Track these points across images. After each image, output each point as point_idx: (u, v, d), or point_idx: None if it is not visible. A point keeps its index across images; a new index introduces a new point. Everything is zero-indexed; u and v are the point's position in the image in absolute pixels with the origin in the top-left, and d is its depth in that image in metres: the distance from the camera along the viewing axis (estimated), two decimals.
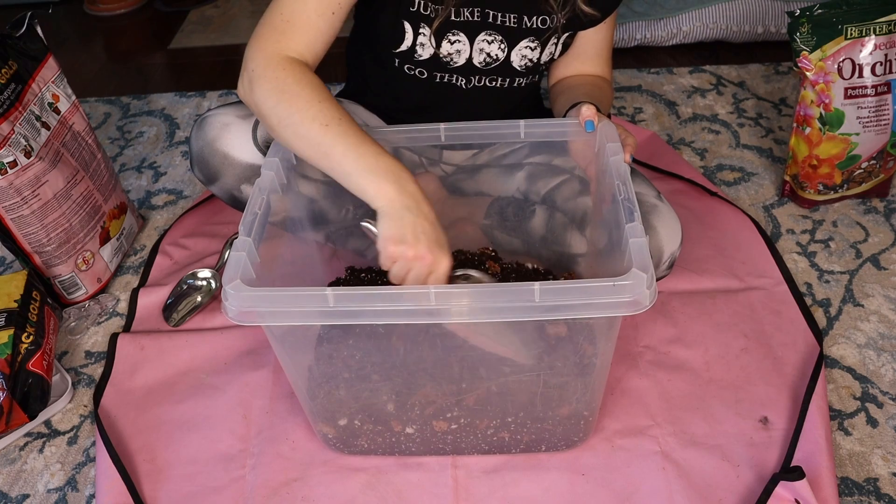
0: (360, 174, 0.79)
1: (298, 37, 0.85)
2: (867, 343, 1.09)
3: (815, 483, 0.88)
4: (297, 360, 0.88)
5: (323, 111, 0.81)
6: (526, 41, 0.97)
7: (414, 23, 0.93)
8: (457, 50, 0.96)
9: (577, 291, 0.71)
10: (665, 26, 1.79)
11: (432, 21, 0.92)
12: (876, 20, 1.16)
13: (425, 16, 0.92)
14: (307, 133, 0.80)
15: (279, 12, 0.85)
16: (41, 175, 1.10)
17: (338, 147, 0.80)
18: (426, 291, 0.71)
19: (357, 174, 0.79)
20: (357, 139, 0.80)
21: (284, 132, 0.82)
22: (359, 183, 0.79)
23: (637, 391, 1.02)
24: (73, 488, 0.97)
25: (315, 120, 0.80)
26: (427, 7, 0.91)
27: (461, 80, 0.99)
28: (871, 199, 1.34)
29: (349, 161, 0.79)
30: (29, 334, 1.04)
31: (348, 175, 0.80)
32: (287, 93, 0.81)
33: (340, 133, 0.80)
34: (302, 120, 0.80)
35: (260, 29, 0.86)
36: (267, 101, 0.82)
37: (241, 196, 1.00)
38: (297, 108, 0.81)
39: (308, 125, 0.80)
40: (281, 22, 0.85)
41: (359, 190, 0.79)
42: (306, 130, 0.80)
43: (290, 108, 0.81)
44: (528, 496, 0.91)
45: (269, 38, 0.84)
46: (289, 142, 0.83)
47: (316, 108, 0.81)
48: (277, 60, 0.83)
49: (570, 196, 1.04)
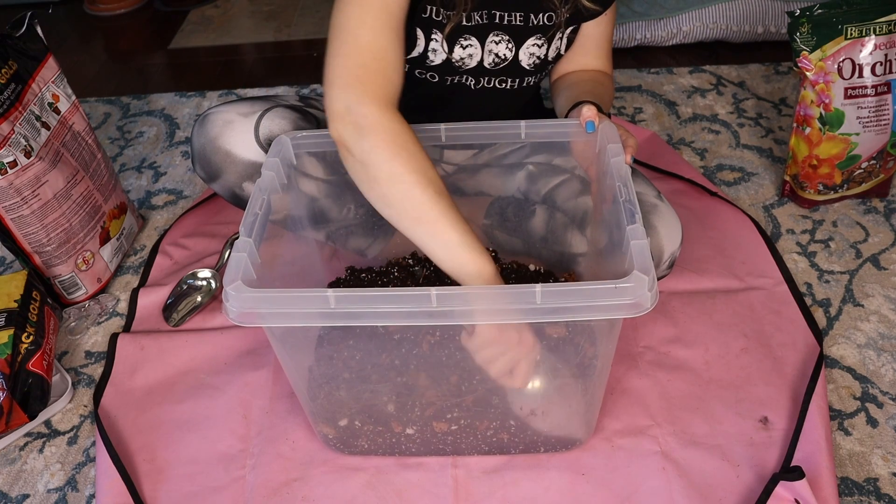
0: (465, 248, 0.78)
1: (395, 76, 0.83)
2: (867, 343, 1.09)
3: (814, 483, 0.88)
4: (297, 361, 0.88)
5: (436, 180, 0.80)
6: (533, 39, 0.97)
7: (426, 29, 0.92)
8: (469, 54, 0.96)
9: (579, 293, 0.71)
10: (665, 26, 1.79)
11: (444, 27, 0.92)
12: (876, 20, 1.16)
13: (437, 22, 0.92)
14: (421, 196, 0.78)
15: (367, 50, 0.81)
16: (41, 175, 1.10)
17: (447, 217, 0.78)
18: (427, 293, 0.71)
19: (462, 247, 0.78)
20: (459, 214, 0.80)
21: (393, 189, 0.79)
22: (462, 255, 0.78)
23: (637, 391, 1.02)
24: (73, 488, 0.97)
25: (430, 186, 0.79)
26: (439, 13, 0.91)
27: (471, 80, 0.99)
28: (871, 199, 1.34)
29: (456, 233, 0.78)
30: (29, 334, 1.04)
31: (453, 246, 0.78)
32: (405, 150, 0.79)
33: (450, 206, 0.79)
34: (418, 182, 0.78)
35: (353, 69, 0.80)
36: (381, 154, 0.79)
37: (243, 194, 1.00)
38: (412, 168, 0.78)
39: (423, 189, 0.78)
40: (374, 61, 0.81)
41: (460, 261, 0.78)
42: (420, 193, 0.78)
43: (407, 167, 0.78)
44: (528, 496, 0.91)
45: (373, 81, 0.80)
46: (392, 199, 0.80)
47: (431, 174, 0.79)
48: (391, 111, 0.80)
49: (570, 196, 1.04)
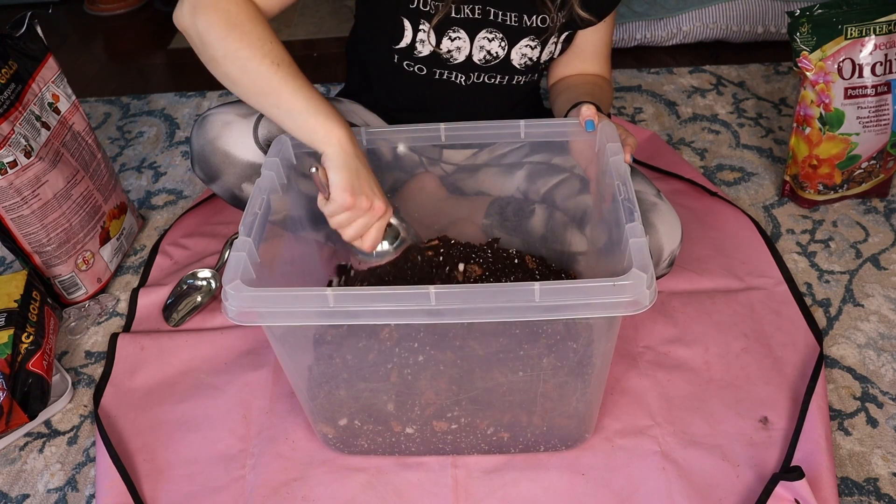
0: (311, 113, 0.79)
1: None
2: (867, 343, 1.09)
3: (814, 483, 0.88)
4: (296, 360, 0.88)
5: (274, 51, 0.80)
6: (526, 40, 0.97)
7: (413, 19, 0.93)
8: (457, 47, 0.96)
9: (577, 291, 0.71)
10: (665, 26, 1.79)
11: (431, 17, 0.92)
12: (876, 20, 1.16)
13: (425, 12, 0.92)
14: (257, 69, 0.79)
15: None
16: (41, 175, 1.10)
17: (288, 86, 0.79)
18: (426, 292, 0.71)
19: (307, 113, 0.79)
20: (306, 82, 0.80)
21: (230, 66, 0.80)
22: (307, 122, 0.79)
23: (637, 391, 1.02)
24: (73, 488, 0.97)
25: (266, 57, 0.79)
26: (427, 4, 0.91)
27: (461, 76, 0.99)
28: (871, 199, 1.34)
29: (300, 100, 0.79)
30: (29, 334, 1.04)
31: (297, 113, 0.79)
32: (238, 27, 0.79)
33: (291, 74, 0.80)
34: (253, 55, 0.79)
35: None
36: (213, 31, 0.80)
37: (242, 195, 1.00)
38: (247, 43, 0.79)
39: (259, 61, 0.79)
40: None
41: (307, 129, 0.79)
42: (256, 66, 0.79)
43: (239, 43, 0.79)
44: (528, 496, 0.91)
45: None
46: (233, 76, 0.81)
47: (268, 47, 0.80)
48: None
49: (569, 195, 1.04)
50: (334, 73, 1.84)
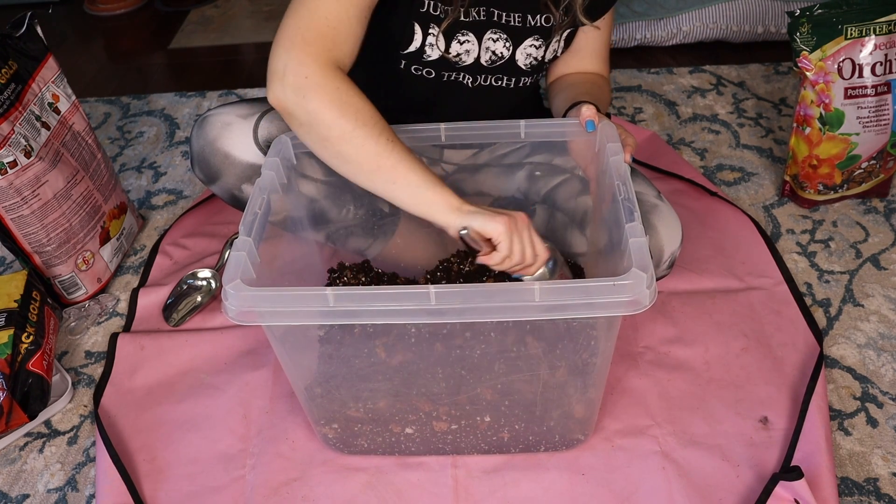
0: (429, 187, 0.80)
1: (346, 47, 0.83)
2: (867, 343, 1.09)
3: (814, 483, 0.88)
4: (296, 360, 0.88)
5: (386, 129, 0.80)
6: (531, 40, 0.97)
7: (423, 24, 0.92)
8: (466, 50, 0.95)
9: (577, 291, 0.71)
10: (665, 26, 1.79)
11: (441, 21, 0.92)
12: (876, 20, 1.16)
13: (435, 16, 0.92)
14: (374, 147, 0.79)
15: (323, 16, 0.81)
16: (41, 175, 1.10)
17: (404, 162, 0.80)
18: (426, 292, 0.71)
19: (425, 187, 0.80)
20: (416, 157, 0.81)
21: (346, 146, 0.80)
22: (426, 195, 0.80)
23: (637, 391, 1.02)
24: (73, 488, 0.97)
25: (382, 136, 0.79)
26: (437, 8, 0.91)
27: (468, 78, 0.99)
28: (871, 199, 1.34)
29: (417, 176, 0.79)
30: (29, 334, 1.04)
31: (415, 187, 0.80)
32: (351, 106, 0.79)
33: (405, 150, 0.80)
34: (370, 135, 0.79)
35: (302, 32, 0.80)
36: (327, 112, 0.79)
37: (242, 195, 1.00)
38: (363, 122, 0.79)
39: (376, 140, 0.79)
40: (326, 28, 0.81)
41: (426, 202, 0.80)
42: (373, 144, 0.79)
43: (356, 122, 0.79)
44: (528, 496, 0.91)
45: (319, 44, 0.80)
46: (347, 155, 0.80)
47: (381, 126, 0.80)
48: (333, 69, 0.80)
49: (570, 196, 1.04)
50: None
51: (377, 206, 1.04)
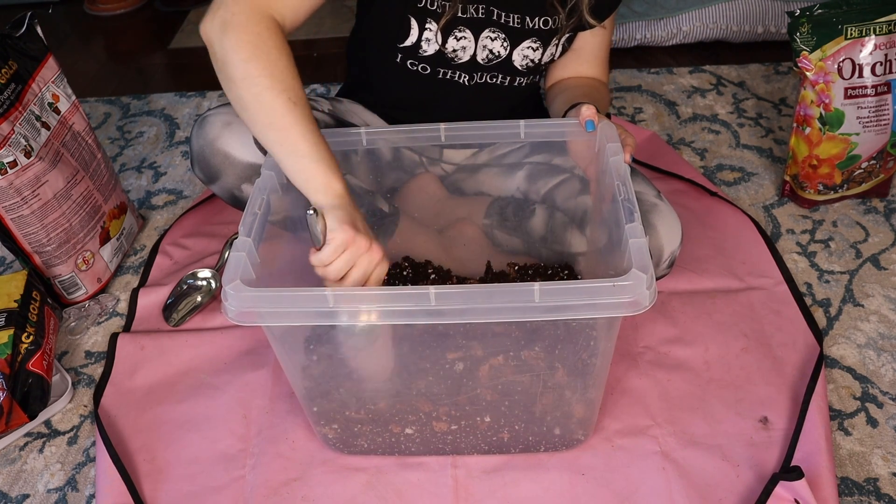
0: (315, 160, 0.77)
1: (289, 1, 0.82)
2: (867, 343, 1.09)
3: (814, 483, 0.88)
4: (296, 361, 0.88)
5: (294, 87, 0.78)
6: (528, 41, 0.97)
7: (420, 18, 0.92)
8: (462, 47, 0.95)
9: (577, 292, 0.71)
10: (665, 26, 1.79)
11: (439, 17, 0.92)
12: (876, 20, 1.16)
13: (432, 11, 0.92)
14: (272, 102, 0.77)
15: None
16: (41, 175, 1.10)
17: (299, 126, 0.78)
18: (426, 292, 0.71)
19: (311, 158, 0.77)
20: (316, 128, 0.79)
21: (245, 91, 0.78)
22: (308, 166, 0.77)
23: (637, 391, 1.02)
24: (73, 488, 0.97)
25: (284, 92, 0.77)
26: (434, 3, 0.91)
27: (464, 76, 0.99)
28: (871, 199, 1.34)
29: (307, 144, 0.77)
30: (29, 334, 1.04)
31: (301, 156, 0.78)
32: (265, 54, 0.78)
33: (304, 116, 0.78)
34: (272, 86, 0.77)
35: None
36: (239, 52, 0.78)
37: (242, 195, 1.00)
38: (269, 72, 0.77)
39: (276, 95, 0.77)
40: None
41: (307, 174, 0.78)
42: (272, 98, 0.77)
43: (262, 70, 0.77)
44: (528, 496, 0.91)
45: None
46: (246, 101, 0.79)
47: (290, 83, 0.78)
48: (262, 16, 0.79)
49: (570, 195, 1.04)
50: (334, 73, 1.84)
51: (377, 206, 1.05)
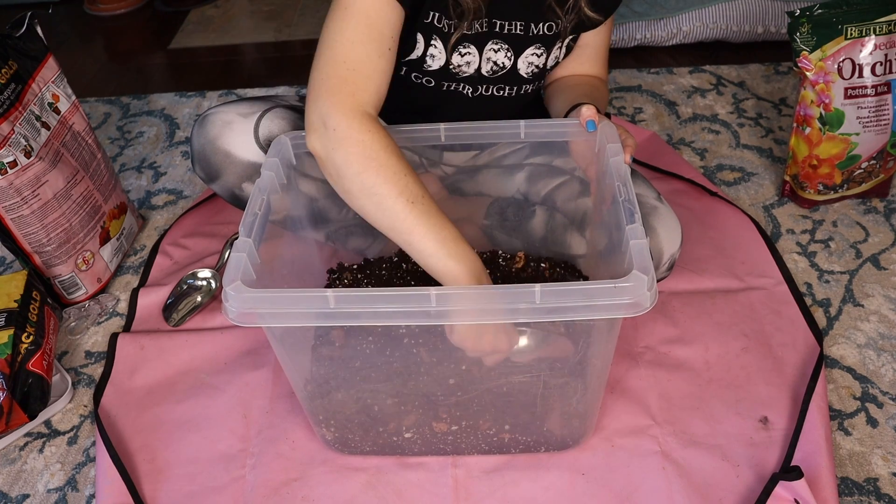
0: (440, 258, 0.78)
1: (370, 86, 0.82)
2: (867, 343, 1.09)
3: (814, 483, 0.88)
4: (296, 361, 0.88)
5: (409, 186, 0.79)
6: (532, 48, 0.97)
7: (426, 35, 0.92)
8: (467, 62, 0.95)
9: (578, 293, 0.71)
10: (665, 26, 1.79)
11: (444, 35, 0.92)
12: (876, 20, 1.16)
13: (438, 28, 0.91)
14: (392, 206, 0.79)
15: (341, 60, 0.81)
16: (41, 175, 1.10)
17: (421, 225, 0.79)
18: (427, 293, 0.71)
19: (437, 258, 0.79)
20: (439, 221, 0.80)
21: (366, 202, 0.80)
22: (437, 266, 0.79)
23: (637, 391, 1.02)
24: (73, 488, 0.97)
25: (402, 195, 0.78)
26: (441, 21, 0.91)
27: (468, 88, 0.99)
28: (871, 199, 1.34)
29: (431, 243, 0.79)
30: (29, 334, 1.04)
31: (427, 256, 0.79)
32: (375, 161, 0.79)
33: (424, 212, 0.79)
34: (389, 193, 0.78)
35: (325, 81, 0.81)
36: (352, 166, 0.79)
37: (243, 194, 1.00)
38: (384, 178, 0.78)
39: (395, 199, 0.78)
40: (346, 71, 0.81)
41: (435, 273, 0.80)
42: (392, 203, 0.78)
43: (377, 179, 0.78)
44: (528, 496, 0.91)
45: (342, 90, 0.80)
46: (368, 211, 0.81)
47: (403, 183, 0.79)
48: (360, 121, 0.80)
49: (570, 197, 1.04)
50: None
51: None
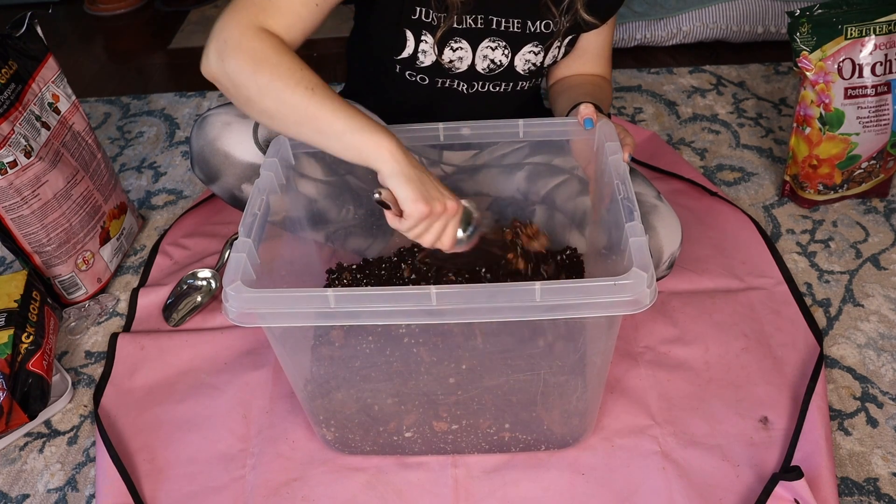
0: (355, 132, 0.77)
1: (279, 17, 0.82)
2: (867, 343, 1.09)
3: (814, 483, 0.88)
4: (297, 361, 0.88)
5: (306, 77, 0.79)
6: (530, 46, 0.97)
7: (416, 31, 0.92)
8: (459, 57, 0.95)
9: (578, 291, 0.71)
10: (665, 26, 1.79)
11: (434, 29, 0.92)
12: (876, 20, 1.16)
13: (427, 23, 0.91)
14: (291, 98, 0.78)
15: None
16: (41, 175, 1.10)
17: (325, 109, 0.78)
18: (427, 292, 0.71)
19: (351, 132, 0.77)
20: (342, 102, 0.79)
21: (264, 101, 0.79)
22: (353, 141, 0.77)
23: (637, 391, 1.02)
24: (73, 488, 0.97)
25: (299, 84, 0.78)
26: (429, 15, 0.91)
27: (463, 85, 0.99)
28: (871, 199, 1.34)
29: (340, 121, 0.77)
30: (29, 334, 1.04)
31: (341, 134, 0.77)
32: (267, 61, 0.78)
33: (327, 97, 0.78)
34: (286, 86, 0.77)
35: (236, 3, 0.81)
36: (243, 70, 0.78)
37: (242, 195, 1.00)
38: (278, 75, 0.78)
39: (293, 90, 0.77)
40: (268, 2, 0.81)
41: (355, 148, 0.78)
42: (290, 95, 0.77)
43: (271, 76, 0.78)
44: (528, 496, 0.91)
45: (247, 11, 0.80)
46: (270, 110, 0.79)
47: (299, 75, 0.78)
48: (254, 31, 0.80)
49: (569, 196, 1.04)
50: (334, 73, 1.84)
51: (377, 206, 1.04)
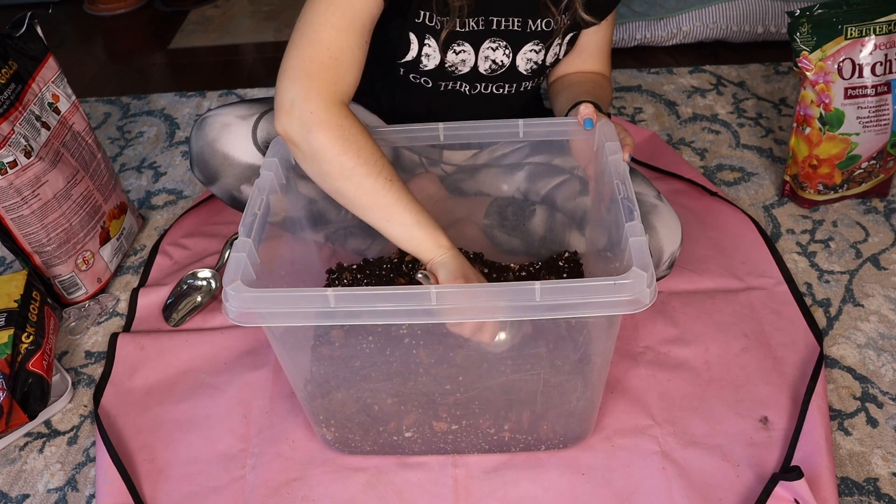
0: (421, 226, 0.83)
1: (348, 77, 0.84)
2: (867, 343, 1.09)
3: (814, 483, 0.88)
4: (296, 361, 0.88)
5: (386, 167, 0.83)
6: (531, 44, 0.97)
7: (419, 34, 0.92)
8: (461, 60, 0.96)
9: (578, 290, 0.71)
10: (665, 26, 1.79)
11: (437, 32, 0.92)
12: (876, 20, 1.16)
13: (431, 27, 0.92)
14: (373, 185, 0.82)
15: (325, 46, 0.82)
16: (41, 175, 1.10)
17: (399, 203, 0.83)
18: (427, 292, 0.71)
19: (416, 227, 0.83)
20: (412, 198, 0.84)
21: (344, 182, 0.82)
22: (417, 235, 0.83)
23: (637, 391, 1.02)
24: (73, 488, 0.97)
25: (381, 175, 0.82)
26: (433, 19, 0.91)
27: (466, 87, 0.99)
28: (871, 199, 1.34)
29: (409, 215, 0.83)
30: (29, 334, 1.04)
31: (408, 227, 0.83)
32: (354, 144, 0.82)
33: (401, 190, 0.83)
34: (369, 173, 0.82)
35: (306, 64, 0.82)
36: (330, 148, 0.81)
37: (241, 196, 1.00)
38: (364, 160, 0.82)
39: (374, 179, 0.82)
40: (329, 58, 0.82)
41: (416, 241, 0.83)
42: (372, 183, 0.82)
43: (356, 161, 0.81)
44: (528, 496, 0.91)
45: (322, 77, 0.82)
46: (343, 190, 0.83)
47: (381, 164, 0.83)
48: (339, 107, 0.82)
49: (569, 196, 1.04)
50: None
51: None
